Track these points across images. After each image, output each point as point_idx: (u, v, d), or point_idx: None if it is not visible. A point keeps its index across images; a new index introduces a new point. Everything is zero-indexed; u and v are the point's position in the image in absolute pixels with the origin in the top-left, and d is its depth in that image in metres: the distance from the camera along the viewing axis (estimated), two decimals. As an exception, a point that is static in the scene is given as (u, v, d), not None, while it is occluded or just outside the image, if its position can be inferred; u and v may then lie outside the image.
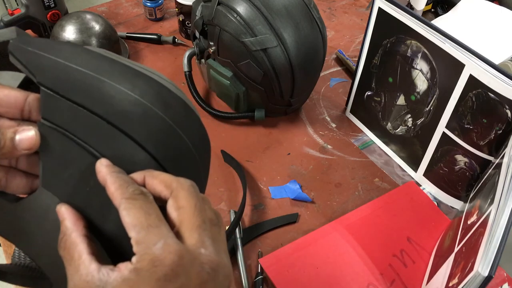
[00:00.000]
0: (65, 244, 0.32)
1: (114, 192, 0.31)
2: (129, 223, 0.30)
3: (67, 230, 0.32)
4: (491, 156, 0.64)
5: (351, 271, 0.63)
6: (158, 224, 0.30)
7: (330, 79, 0.96)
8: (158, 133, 0.35)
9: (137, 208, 0.30)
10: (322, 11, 1.15)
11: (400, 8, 0.68)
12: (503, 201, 0.49)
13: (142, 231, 0.29)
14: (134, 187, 0.31)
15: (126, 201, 0.30)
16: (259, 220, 0.70)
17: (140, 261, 0.28)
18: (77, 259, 0.31)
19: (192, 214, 0.31)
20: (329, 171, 0.78)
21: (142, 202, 0.30)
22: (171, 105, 0.36)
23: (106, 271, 0.30)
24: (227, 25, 0.73)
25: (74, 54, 0.36)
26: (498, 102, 0.59)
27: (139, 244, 0.29)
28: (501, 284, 0.62)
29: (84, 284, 0.29)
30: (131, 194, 0.31)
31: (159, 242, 0.29)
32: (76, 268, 0.30)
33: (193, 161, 0.38)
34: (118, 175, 0.32)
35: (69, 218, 0.32)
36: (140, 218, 0.29)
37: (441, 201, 0.75)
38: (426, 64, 0.68)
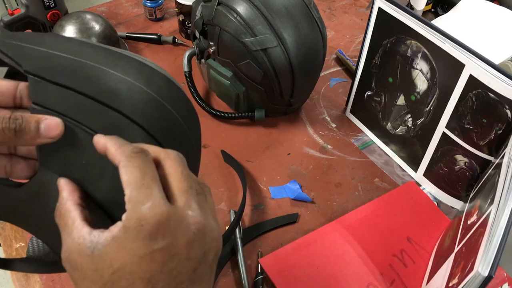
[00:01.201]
0: (60, 212, 0.33)
1: (115, 152, 0.32)
2: (125, 181, 0.31)
3: (62, 200, 0.33)
4: (491, 156, 0.64)
5: (351, 271, 0.63)
6: (151, 185, 0.30)
7: (330, 79, 0.96)
8: (144, 106, 0.36)
9: (134, 167, 0.31)
10: (322, 11, 1.15)
11: (400, 8, 0.68)
12: (503, 201, 0.49)
13: (135, 190, 0.30)
14: (134, 146, 0.32)
15: (126, 158, 0.31)
16: (259, 220, 0.70)
17: (128, 219, 0.30)
18: (70, 225, 0.32)
19: (179, 179, 0.32)
20: (329, 171, 0.78)
21: (140, 160, 0.31)
22: (154, 81, 0.38)
23: (97, 233, 0.31)
24: (227, 25, 0.73)
25: (56, 42, 0.37)
26: (498, 102, 0.59)
27: (130, 202, 0.30)
28: (501, 284, 0.62)
29: (76, 246, 0.31)
30: (130, 151, 0.31)
31: (148, 202, 0.30)
32: (69, 233, 0.32)
33: (183, 131, 0.39)
34: (118, 139, 0.33)
35: (66, 189, 0.34)
36: (135, 177, 0.30)
37: (441, 201, 0.75)
38: (426, 64, 0.68)
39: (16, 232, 0.67)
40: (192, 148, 0.42)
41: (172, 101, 0.39)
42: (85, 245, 0.30)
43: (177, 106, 0.39)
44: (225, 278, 0.63)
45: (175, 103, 0.39)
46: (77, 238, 0.31)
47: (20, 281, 0.62)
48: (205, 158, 0.77)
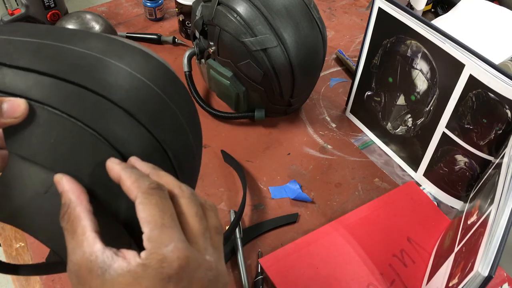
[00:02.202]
0: (69, 217, 0.31)
1: (130, 186, 0.31)
2: (143, 218, 0.30)
3: (71, 203, 0.32)
4: (491, 156, 0.64)
5: (351, 271, 0.63)
6: (172, 225, 0.30)
7: (330, 79, 0.96)
8: (128, 87, 0.35)
9: (152, 205, 0.30)
10: (322, 11, 1.15)
11: (400, 8, 0.68)
12: (503, 201, 0.49)
13: (156, 229, 0.30)
14: (150, 181, 0.32)
15: (142, 195, 0.31)
16: (259, 220, 0.70)
17: (149, 258, 0.29)
18: (80, 234, 0.31)
19: (195, 221, 0.32)
20: (329, 171, 0.78)
21: (158, 198, 0.31)
22: (132, 56, 0.37)
23: (110, 254, 0.30)
24: (227, 25, 0.73)
25: (21, 28, 0.37)
26: (498, 102, 0.59)
27: (151, 241, 0.29)
28: (501, 284, 0.62)
29: (87, 262, 0.30)
30: (147, 188, 0.31)
31: (170, 244, 0.29)
32: (78, 243, 0.30)
33: (175, 118, 0.38)
34: (133, 171, 0.32)
35: (73, 191, 0.32)
36: (155, 216, 0.30)
37: (441, 201, 0.75)
38: (426, 64, 0.68)
39: (16, 232, 0.67)
40: (188, 139, 0.41)
41: (162, 83, 0.38)
42: (97, 264, 0.30)
43: (168, 90, 0.38)
44: (225, 278, 0.63)
45: (165, 87, 0.38)
46: (88, 254, 0.30)
47: (20, 281, 0.62)
48: (205, 158, 0.77)
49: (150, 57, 0.39)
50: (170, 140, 0.38)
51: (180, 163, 0.39)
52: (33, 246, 0.65)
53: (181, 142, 0.40)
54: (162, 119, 0.37)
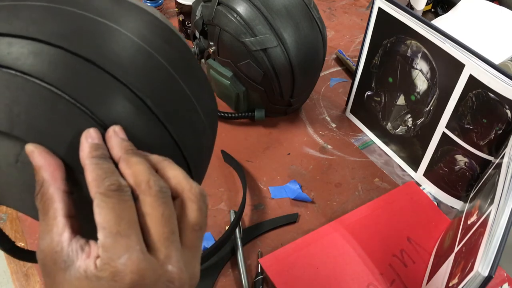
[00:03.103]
0: (42, 197, 0.29)
1: (90, 183, 0.29)
2: (99, 223, 0.28)
3: (45, 183, 0.29)
4: (491, 156, 0.64)
5: (351, 271, 0.63)
6: (128, 233, 0.28)
7: (330, 79, 0.96)
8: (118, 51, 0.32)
9: (109, 208, 0.28)
10: (322, 11, 1.15)
11: (400, 8, 0.68)
12: (503, 201, 0.49)
13: (110, 237, 0.27)
14: (111, 180, 0.29)
15: (99, 196, 0.28)
16: (259, 220, 0.70)
17: (102, 269, 0.27)
18: (51, 218, 0.29)
19: (157, 224, 0.29)
20: (329, 171, 0.78)
21: (115, 201, 0.28)
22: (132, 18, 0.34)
23: (76, 248, 0.28)
24: (227, 25, 0.73)
25: None
26: (498, 102, 0.59)
27: (104, 250, 0.27)
28: (501, 284, 0.62)
29: (53, 252, 0.28)
30: (106, 189, 0.28)
31: (124, 256, 0.27)
32: (48, 227, 0.29)
33: (184, 96, 0.36)
34: (98, 162, 0.29)
35: (46, 167, 0.29)
36: (110, 222, 0.28)
37: (441, 201, 0.75)
38: (426, 64, 0.68)
39: (16, 232, 0.67)
40: (199, 116, 0.37)
41: (165, 52, 0.34)
42: (61, 257, 0.28)
43: (174, 61, 0.35)
44: (225, 278, 0.63)
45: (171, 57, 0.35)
46: (55, 243, 0.28)
47: (20, 281, 0.62)
48: (205, 158, 0.77)
49: (160, 23, 0.36)
50: (175, 117, 0.34)
51: (189, 150, 0.36)
52: (33, 246, 0.65)
53: (190, 125, 0.36)
54: (161, 88, 0.34)
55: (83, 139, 0.30)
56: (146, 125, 0.33)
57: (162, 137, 0.34)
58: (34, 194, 0.30)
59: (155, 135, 0.33)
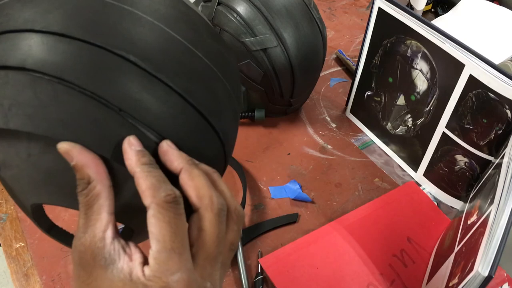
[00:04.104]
0: (88, 194, 0.29)
1: (144, 191, 0.29)
2: (153, 234, 0.28)
3: (92, 181, 0.29)
4: (491, 156, 0.64)
5: (351, 271, 0.63)
6: (181, 251, 0.29)
7: (330, 79, 0.96)
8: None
9: (165, 222, 0.28)
10: (322, 11, 1.15)
11: (400, 8, 0.68)
12: (503, 201, 0.49)
13: (164, 252, 0.28)
14: (167, 191, 0.29)
15: (155, 207, 0.29)
16: (259, 220, 0.70)
17: (152, 280, 0.28)
18: (95, 212, 0.29)
19: (212, 243, 0.30)
20: (329, 171, 0.78)
21: (172, 215, 0.29)
22: None
23: (118, 247, 0.29)
24: (227, 25, 0.73)
25: None
26: (498, 102, 0.59)
27: (157, 263, 0.28)
28: (501, 284, 0.62)
29: (94, 247, 0.28)
30: (163, 200, 0.29)
31: (177, 274, 0.28)
32: (91, 222, 0.29)
33: (211, 74, 0.34)
34: (150, 171, 0.30)
35: (91, 165, 0.29)
36: (165, 236, 0.28)
37: (441, 201, 0.75)
38: (426, 64, 0.68)
39: (16, 232, 0.67)
40: (228, 92, 0.35)
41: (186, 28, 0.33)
42: (103, 254, 0.28)
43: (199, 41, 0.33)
44: (225, 278, 0.63)
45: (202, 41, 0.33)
46: (97, 239, 0.29)
47: (20, 281, 0.62)
48: (205, 158, 0.77)
49: (186, 7, 0.34)
50: (215, 110, 0.33)
51: (227, 139, 0.35)
52: (33, 246, 0.65)
53: (227, 112, 0.35)
54: (209, 90, 0.33)
55: (127, 147, 0.30)
56: (175, 110, 0.31)
57: (205, 131, 0.33)
58: (77, 190, 0.30)
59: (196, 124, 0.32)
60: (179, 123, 0.31)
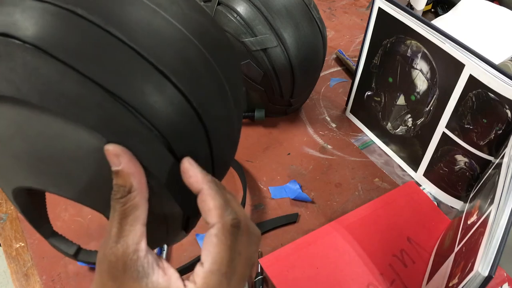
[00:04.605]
0: (126, 202, 0.28)
1: (211, 210, 0.29)
2: (211, 253, 0.29)
3: (133, 190, 0.28)
4: (491, 156, 0.64)
5: (351, 271, 0.63)
6: (231, 277, 0.29)
7: (330, 79, 0.96)
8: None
9: (227, 246, 0.29)
10: (322, 11, 1.15)
11: (400, 8, 0.68)
12: (503, 201, 0.49)
13: (218, 275, 0.29)
14: (233, 215, 0.29)
15: (222, 228, 0.29)
16: (259, 220, 0.70)
17: None
18: (129, 223, 0.28)
19: (245, 268, 0.31)
20: (329, 171, 0.78)
21: (234, 240, 0.29)
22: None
23: (152, 261, 0.28)
24: (227, 25, 0.73)
25: None
26: (498, 102, 0.59)
27: (206, 283, 0.28)
28: (501, 284, 0.62)
29: (126, 259, 0.28)
30: (229, 223, 0.29)
31: None
32: (124, 232, 0.28)
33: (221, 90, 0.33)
34: (218, 190, 0.30)
35: (136, 175, 0.28)
36: (223, 260, 0.29)
37: (441, 201, 0.75)
38: (426, 64, 0.68)
39: (16, 232, 0.67)
40: (231, 113, 0.35)
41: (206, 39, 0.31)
42: (135, 266, 0.28)
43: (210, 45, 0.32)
44: (225, 278, 0.63)
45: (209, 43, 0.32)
46: (131, 250, 0.28)
47: (20, 281, 0.62)
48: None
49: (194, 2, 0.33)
50: (211, 110, 0.32)
51: (218, 143, 0.33)
52: (33, 246, 0.65)
53: (222, 115, 0.34)
54: (202, 82, 0.31)
55: (188, 165, 0.30)
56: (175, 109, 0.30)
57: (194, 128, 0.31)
58: (112, 195, 0.29)
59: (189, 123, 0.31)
60: (172, 113, 0.30)
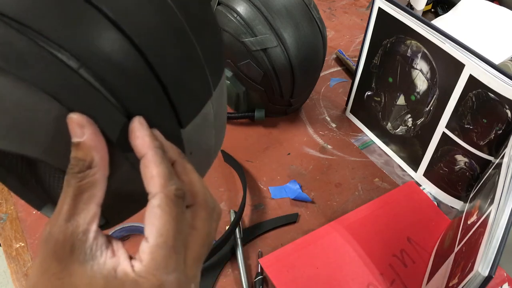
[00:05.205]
0: (83, 178, 0.26)
1: (153, 177, 0.27)
2: (155, 226, 0.26)
3: (93, 165, 0.26)
4: (491, 156, 0.64)
5: (351, 271, 0.63)
6: (180, 251, 0.27)
7: (330, 79, 0.96)
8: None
9: (171, 217, 0.26)
10: (322, 11, 1.15)
11: (400, 8, 0.68)
12: (503, 201, 0.49)
13: (165, 249, 0.26)
14: (177, 185, 0.27)
15: (164, 198, 0.26)
16: (259, 220, 0.70)
17: (144, 277, 0.26)
18: (83, 201, 0.26)
19: (201, 244, 0.29)
20: (329, 171, 0.78)
21: (179, 211, 0.27)
22: None
23: (101, 242, 0.26)
24: (227, 25, 0.73)
25: None
26: (498, 102, 0.59)
27: (153, 259, 0.26)
28: (501, 284, 0.62)
29: (72, 239, 0.25)
30: (173, 192, 0.27)
31: (173, 274, 0.26)
32: (76, 210, 0.26)
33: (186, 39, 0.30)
34: (163, 158, 0.27)
35: (99, 150, 0.26)
36: (169, 231, 0.26)
37: (441, 201, 0.75)
38: (426, 64, 0.68)
39: (16, 232, 0.67)
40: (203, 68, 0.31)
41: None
42: (83, 248, 0.26)
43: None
44: (225, 278, 0.63)
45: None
46: (80, 230, 0.26)
47: (20, 281, 0.62)
48: (205, 158, 0.77)
49: None
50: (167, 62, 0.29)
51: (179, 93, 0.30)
52: (33, 246, 0.65)
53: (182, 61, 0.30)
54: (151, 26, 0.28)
55: (138, 124, 0.27)
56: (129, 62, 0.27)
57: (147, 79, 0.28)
58: (69, 168, 0.26)
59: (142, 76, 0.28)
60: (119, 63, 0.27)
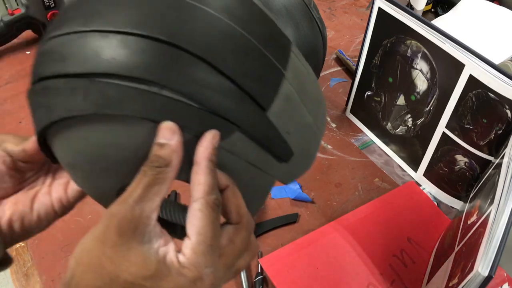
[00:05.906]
0: (158, 174, 0.30)
1: (200, 185, 0.30)
2: (197, 226, 0.30)
3: (171, 165, 0.30)
4: (491, 156, 0.64)
5: (351, 271, 0.63)
6: (216, 251, 0.30)
7: (330, 79, 0.96)
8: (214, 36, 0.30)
9: (210, 220, 0.30)
10: (322, 11, 1.15)
11: (400, 8, 0.68)
12: (503, 201, 0.49)
13: (204, 246, 0.30)
14: (217, 195, 0.31)
15: (205, 204, 0.30)
16: (259, 220, 0.70)
17: (187, 267, 0.29)
18: (152, 192, 0.29)
19: (235, 257, 0.32)
20: (329, 171, 0.78)
21: (216, 216, 0.30)
22: None
23: (157, 230, 0.30)
24: (227, 25, 0.73)
25: None
26: (498, 102, 0.59)
27: (195, 253, 0.29)
28: (501, 284, 0.62)
29: (139, 221, 0.29)
30: (212, 201, 0.30)
31: (209, 268, 0.30)
32: (144, 199, 0.29)
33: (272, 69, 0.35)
34: (213, 170, 0.30)
35: (179, 154, 0.30)
36: (208, 232, 0.30)
37: (441, 201, 0.75)
38: (426, 64, 0.68)
39: (16, 232, 0.67)
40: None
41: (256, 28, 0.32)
42: (144, 231, 0.29)
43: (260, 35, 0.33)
44: (225, 278, 0.63)
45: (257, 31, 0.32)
46: (145, 216, 0.29)
47: (20, 281, 0.62)
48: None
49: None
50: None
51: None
52: (33, 246, 0.65)
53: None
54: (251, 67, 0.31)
55: (210, 137, 0.30)
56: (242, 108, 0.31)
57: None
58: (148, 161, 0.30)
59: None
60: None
